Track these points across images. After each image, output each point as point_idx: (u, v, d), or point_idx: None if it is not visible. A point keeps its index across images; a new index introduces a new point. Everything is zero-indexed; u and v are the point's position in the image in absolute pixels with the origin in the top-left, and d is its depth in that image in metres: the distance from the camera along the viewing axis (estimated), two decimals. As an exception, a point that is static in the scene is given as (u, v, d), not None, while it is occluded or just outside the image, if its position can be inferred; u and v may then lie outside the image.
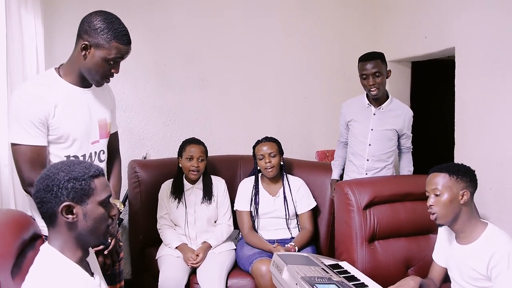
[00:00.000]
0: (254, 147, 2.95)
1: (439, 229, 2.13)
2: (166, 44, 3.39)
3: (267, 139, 2.92)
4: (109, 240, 1.73)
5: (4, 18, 2.03)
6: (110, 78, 1.76)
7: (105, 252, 1.73)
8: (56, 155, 1.72)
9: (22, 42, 2.23)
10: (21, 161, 1.65)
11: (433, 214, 1.92)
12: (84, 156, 1.78)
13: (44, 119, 1.65)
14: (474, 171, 1.98)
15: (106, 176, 1.40)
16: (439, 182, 1.91)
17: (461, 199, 1.88)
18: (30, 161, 1.64)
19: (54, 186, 1.27)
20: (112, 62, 1.69)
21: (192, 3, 3.44)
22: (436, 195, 1.91)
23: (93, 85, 1.81)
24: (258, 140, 2.95)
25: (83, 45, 1.66)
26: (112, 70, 1.72)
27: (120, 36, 1.66)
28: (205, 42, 3.49)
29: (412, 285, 1.93)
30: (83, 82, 1.77)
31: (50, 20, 2.83)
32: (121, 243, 1.86)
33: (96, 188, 1.32)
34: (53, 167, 1.33)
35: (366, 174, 2.77)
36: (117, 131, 2.08)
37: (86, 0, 3.06)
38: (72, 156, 1.75)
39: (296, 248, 2.70)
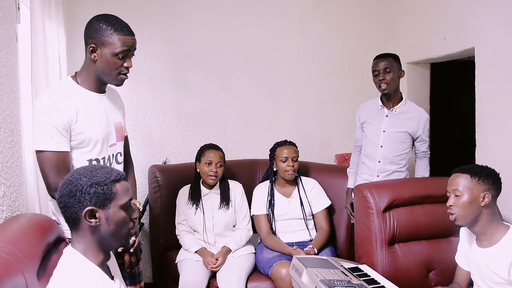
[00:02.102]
0: (274, 149, 2.96)
1: (460, 231, 2.11)
2: (184, 50, 3.44)
3: (290, 143, 2.94)
4: (133, 238, 1.78)
5: (29, 28, 2.10)
6: (127, 74, 1.81)
7: (131, 250, 1.81)
8: (77, 160, 1.77)
9: (46, 51, 2.29)
10: (47, 167, 1.69)
11: (452, 214, 1.91)
12: (104, 159, 1.84)
13: (67, 125, 1.71)
14: (498, 174, 1.94)
15: (126, 180, 1.43)
16: (460, 183, 1.89)
17: (482, 201, 1.86)
18: (56, 167, 1.68)
19: (77, 191, 1.31)
20: (121, 56, 1.74)
21: (209, 9, 3.48)
22: (456, 196, 1.89)
23: (107, 91, 1.88)
24: (279, 143, 2.96)
25: (91, 48, 1.73)
26: (125, 64, 1.76)
27: (120, 28, 1.72)
28: (223, 47, 3.52)
29: None
30: (99, 88, 1.84)
31: (72, 28, 2.91)
32: (142, 242, 1.92)
33: (118, 192, 1.35)
34: (76, 172, 1.36)
35: (377, 176, 2.76)
36: (127, 135, 2.14)
37: (107, 8, 3.13)
38: (94, 160, 1.80)
39: (315, 250, 2.69)
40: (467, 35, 2.89)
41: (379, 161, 2.75)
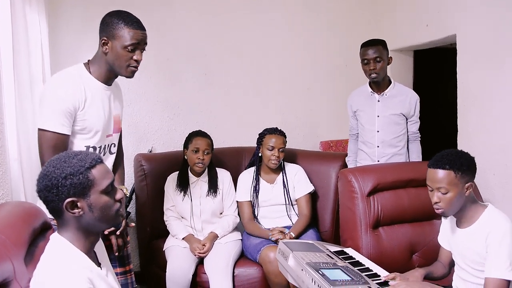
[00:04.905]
0: (263, 135, 2.92)
1: (442, 214, 2.15)
2: (168, 38, 3.41)
3: (279, 132, 2.90)
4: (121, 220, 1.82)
5: (9, 16, 2.06)
6: (136, 67, 1.90)
7: (117, 232, 1.86)
8: (76, 145, 1.84)
9: (28, 40, 2.26)
10: (45, 146, 1.75)
11: (439, 209, 1.88)
12: (100, 147, 1.91)
13: (73, 111, 1.78)
14: (473, 158, 1.92)
15: (103, 162, 1.39)
16: (444, 180, 1.83)
17: (466, 191, 1.86)
18: (54, 148, 1.73)
19: (53, 185, 1.27)
20: (130, 49, 1.82)
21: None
22: (443, 193, 1.84)
23: (112, 84, 1.96)
24: (268, 130, 2.92)
25: (103, 41, 1.82)
26: (134, 57, 1.85)
27: (131, 23, 1.82)
28: (207, 35, 3.51)
29: (416, 276, 1.97)
30: (108, 80, 1.92)
31: (53, 16, 2.86)
32: (133, 224, 1.98)
33: (96, 178, 1.31)
34: (49, 165, 1.31)
35: (378, 161, 2.80)
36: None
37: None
38: (91, 147, 1.87)
39: (293, 234, 2.70)
40: (449, 22, 2.93)
41: (378, 146, 2.79)
